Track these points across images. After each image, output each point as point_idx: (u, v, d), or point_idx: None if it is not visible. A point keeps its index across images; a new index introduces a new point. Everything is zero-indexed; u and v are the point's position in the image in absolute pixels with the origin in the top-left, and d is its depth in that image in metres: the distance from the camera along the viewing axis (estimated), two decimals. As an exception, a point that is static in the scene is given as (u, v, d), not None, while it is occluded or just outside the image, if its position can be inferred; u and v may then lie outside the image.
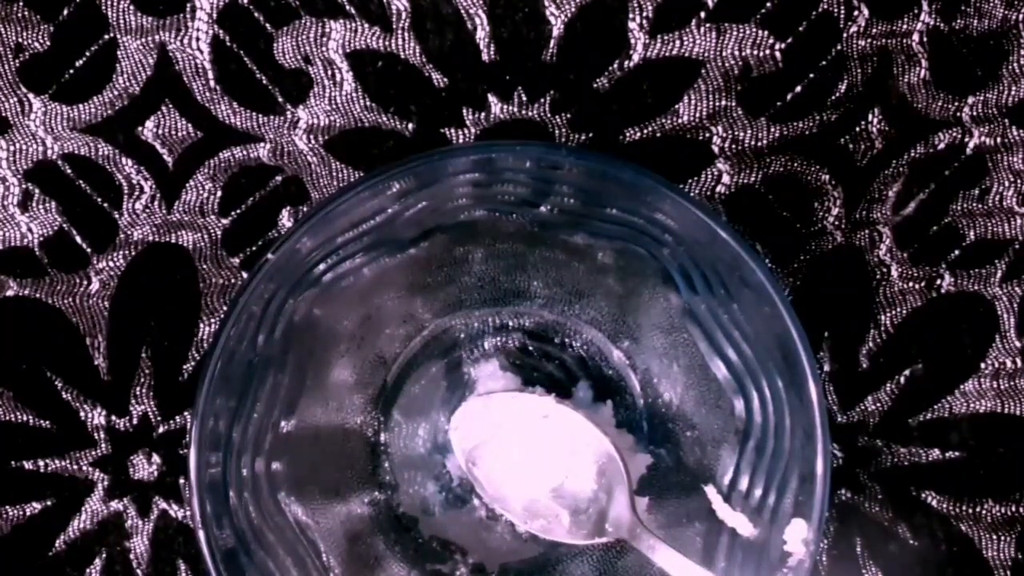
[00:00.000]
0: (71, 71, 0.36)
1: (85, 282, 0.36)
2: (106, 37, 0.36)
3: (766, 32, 0.35)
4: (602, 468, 0.32)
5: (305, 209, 0.36)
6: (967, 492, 0.36)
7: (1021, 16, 0.36)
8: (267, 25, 0.35)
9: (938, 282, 0.36)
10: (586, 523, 0.32)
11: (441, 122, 0.36)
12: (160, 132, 0.36)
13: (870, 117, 0.36)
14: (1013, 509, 0.36)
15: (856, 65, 0.36)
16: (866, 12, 0.35)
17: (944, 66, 0.36)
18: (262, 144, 0.36)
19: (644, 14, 0.35)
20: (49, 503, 0.36)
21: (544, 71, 0.36)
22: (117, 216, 0.36)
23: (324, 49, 0.35)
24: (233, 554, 0.27)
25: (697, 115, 0.36)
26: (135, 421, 0.36)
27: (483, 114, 0.36)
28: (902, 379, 0.36)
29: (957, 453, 0.36)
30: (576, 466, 0.32)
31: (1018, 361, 0.36)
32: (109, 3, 0.35)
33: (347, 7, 0.35)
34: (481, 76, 0.36)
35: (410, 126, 0.36)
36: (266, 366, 0.29)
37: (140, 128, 0.36)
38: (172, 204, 0.36)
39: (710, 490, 0.31)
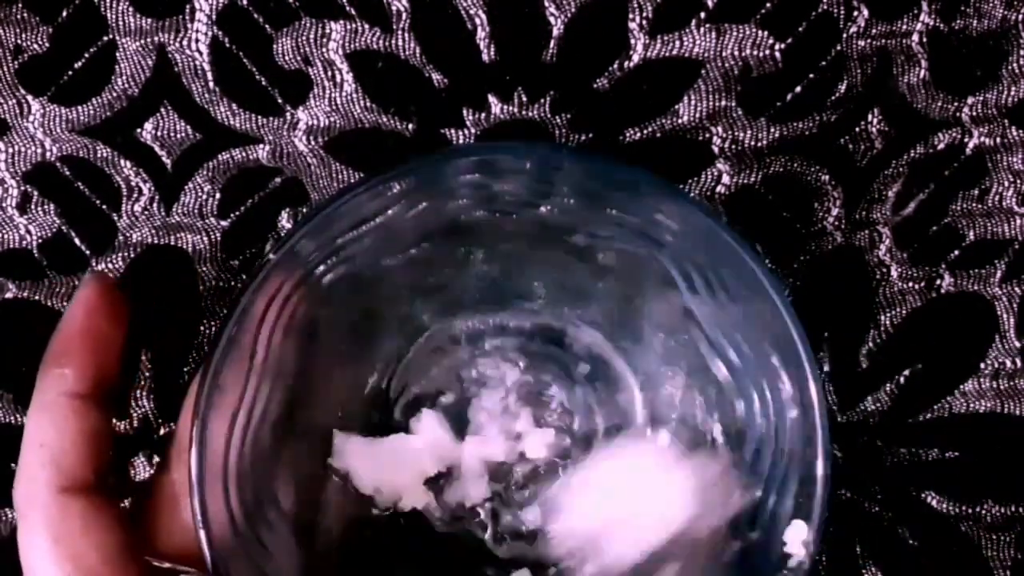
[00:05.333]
0: (70, 73, 0.36)
1: (84, 284, 0.36)
2: (105, 39, 0.36)
3: (766, 32, 0.35)
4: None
5: (305, 211, 0.36)
6: (967, 492, 0.36)
7: (1021, 16, 0.36)
8: (267, 26, 0.35)
9: (938, 282, 0.36)
10: None
11: (441, 122, 0.36)
12: (159, 134, 0.36)
13: (870, 117, 0.36)
14: (1013, 509, 0.36)
15: (856, 65, 0.36)
16: (866, 12, 0.35)
17: (944, 66, 0.36)
18: (261, 146, 0.36)
19: (644, 14, 0.35)
20: (48, 505, 0.35)
21: (544, 71, 0.36)
22: (116, 218, 0.36)
23: (324, 50, 0.35)
24: (233, 553, 0.27)
25: (697, 115, 0.36)
26: (135, 424, 0.36)
27: (483, 114, 0.36)
28: (902, 379, 0.36)
29: (957, 453, 0.36)
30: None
31: (1018, 361, 0.36)
32: (108, 5, 0.35)
33: (347, 8, 0.35)
34: (481, 76, 0.36)
35: (410, 127, 0.36)
36: (266, 367, 0.29)
37: (139, 130, 0.36)
38: (171, 206, 0.36)
39: None
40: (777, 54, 0.36)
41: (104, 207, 0.36)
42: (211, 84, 0.36)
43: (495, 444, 0.35)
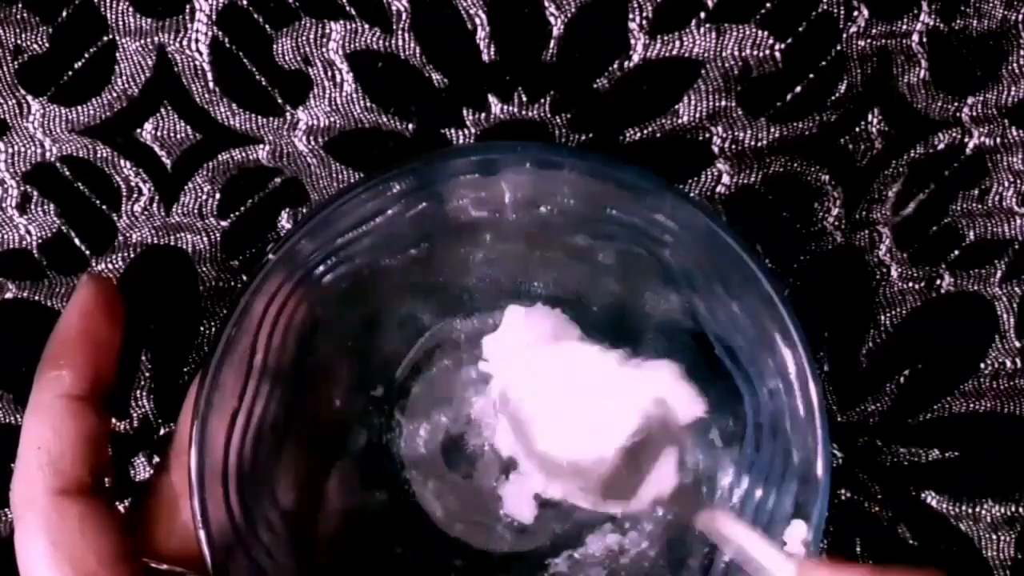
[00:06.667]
0: (70, 73, 0.36)
1: (84, 284, 0.36)
2: (105, 39, 0.36)
3: (766, 32, 0.35)
4: (651, 436, 0.31)
5: (305, 211, 0.36)
6: (967, 492, 0.36)
7: (1021, 16, 0.36)
8: (267, 26, 0.35)
9: (938, 282, 0.36)
10: (621, 491, 0.31)
11: (441, 122, 0.36)
12: (159, 134, 0.36)
13: (870, 117, 0.36)
14: (1012, 509, 0.36)
15: (856, 65, 0.36)
16: (866, 12, 0.35)
17: (944, 66, 0.36)
18: (261, 146, 0.36)
19: (644, 14, 0.35)
20: (49, 506, 0.35)
21: (544, 71, 0.36)
22: (116, 218, 0.36)
23: (324, 50, 0.35)
24: (233, 553, 0.27)
25: (697, 115, 0.36)
26: (135, 424, 0.36)
27: (483, 114, 0.36)
28: (902, 379, 0.36)
29: (956, 453, 0.36)
30: (620, 430, 0.31)
31: (1018, 361, 0.36)
32: (108, 5, 0.35)
33: (347, 8, 0.35)
34: (481, 76, 0.36)
35: (410, 127, 0.36)
36: (266, 368, 0.29)
37: (139, 130, 0.36)
38: (171, 206, 0.36)
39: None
40: (777, 54, 0.36)
41: (104, 207, 0.36)
42: (211, 84, 0.36)
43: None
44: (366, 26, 0.35)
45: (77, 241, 0.36)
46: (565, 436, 0.32)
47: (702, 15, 0.35)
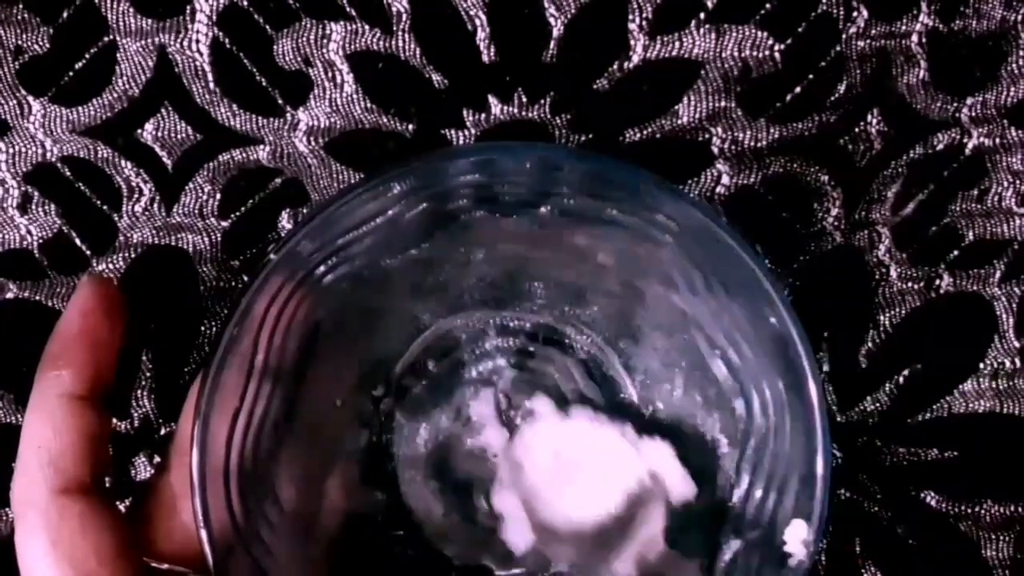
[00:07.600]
0: (71, 73, 0.36)
1: (85, 284, 0.36)
2: (106, 39, 0.36)
3: (766, 33, 0.35)
4: (640, 493, 0.32)
5: (305, 211, 0.36)
6: (966, 492, 0.36)
7: (1020, 17, 0.36)
8: (267, 27, 0.35)
9: (937, 282, 0.36)
10: (607, 551, 0.32)
11: (441, 123, 0.36)
12: (159, 135, 0.36)
13: (869, 118, 0.36)
14: (1012, 509, 0.36)
15: (855, 66, 0.36)
16: (865, 13, 0.36)
17: (943, 67, 0.36)
18: (262, 146, 0.36)
19: (644, 15, 0.35)
20: (49, 506, 0.35)
21: (544, 72, 0.36)
22: (116, 219, 0.36)
23: (324, 51, 0.35)
24: (234, 553, 0.27)
25: (697, 116, 0.36)
26: (136, 424, 0.36)
27: (483, 115, 0.36)
28: (901, 379, 0.36)
29: (956, 453, 0.36)
30: (613, 495, 0.33)
31: (1017, 361, 0.36)
32: (109, 5, 0.35)
33: (347, 9, 0.35)
34: (481, 77, 0.36)
35: (410, 127, 0.36)
36: (267, 368, 0.29)
37: (139, 131, 0.36)
38: (171, 207, 0.36)
39: None
40: (777, 55, 0.36)
41: (105, 207, 0.36)
42: (211, 85, 0.36)
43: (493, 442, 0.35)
44: (366, 27, 0.35)
45: (78, 241, 0.36)
46: (560, 498, 0.33)
47: (702, 16, 0.35)
